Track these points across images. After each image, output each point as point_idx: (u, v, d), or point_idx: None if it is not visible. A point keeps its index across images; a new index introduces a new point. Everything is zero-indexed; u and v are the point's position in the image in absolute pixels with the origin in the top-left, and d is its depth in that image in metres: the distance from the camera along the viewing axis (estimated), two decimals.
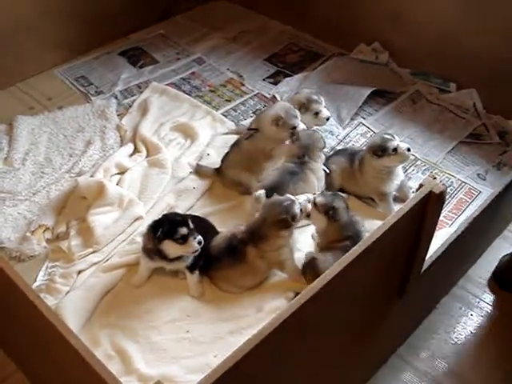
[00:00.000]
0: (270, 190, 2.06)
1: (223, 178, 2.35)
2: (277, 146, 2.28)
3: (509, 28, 2.56)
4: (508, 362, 1.90)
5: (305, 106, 2.39)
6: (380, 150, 2.15)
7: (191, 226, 1.85)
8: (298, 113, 2.28)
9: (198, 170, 2.42)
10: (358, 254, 1.26)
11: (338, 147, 2.54)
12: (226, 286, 1.97)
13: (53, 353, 1.33)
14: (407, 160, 2.21)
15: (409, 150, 2.15)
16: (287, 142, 2.26)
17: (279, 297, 1.93)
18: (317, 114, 2.42)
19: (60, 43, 3.09)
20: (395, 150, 2.14)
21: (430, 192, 1.39)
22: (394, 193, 2.28)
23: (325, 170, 2.22)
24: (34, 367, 1.73)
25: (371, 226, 1.90)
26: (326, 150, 2.31)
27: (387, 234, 1.32)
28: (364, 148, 2.33)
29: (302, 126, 2.25)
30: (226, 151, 2.38)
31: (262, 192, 2.06)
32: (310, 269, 1.91)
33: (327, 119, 2.45)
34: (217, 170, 2.38)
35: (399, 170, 2.25)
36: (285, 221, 1.86)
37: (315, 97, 2.42)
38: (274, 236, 1.89)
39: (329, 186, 2.25)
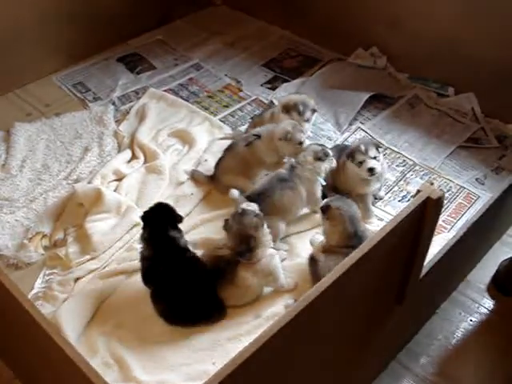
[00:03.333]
0: (257, 195, 2.05)
1: (218, 185, 2.34)
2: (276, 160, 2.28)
3: (506, 32, 2.56)
4: (508, 367, 1.90)
5: (287, 109, 2.38)
6: (350, 155, 2.19)
7: None
8: (303, 128, 2.29)
9: (193, 176, 2.41)
10: (355, 261, 1.25)
11: None
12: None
13: (49, 361, 1.32)
14: (369, 178, 2.18)
15: (371, 169, 2.13)
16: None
17: (278, 303, 1.92)
18: None
19: (58, 49, 3.09)
20: (360, 163, 2.15)
21: (428, 198, 1.39)
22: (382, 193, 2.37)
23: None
24: (31, 375, 1.72)
25: None
26: None
27: (385, 239, 1.31)
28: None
29: (306, 142, 2.25)
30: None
31: (234, 191, 2.05)
32: (311, 270, 1.91)
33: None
34: (211, 176, 2.36)
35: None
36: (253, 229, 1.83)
37: (301, 107, 2.38)
38: (259, 239, 1.85)
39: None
